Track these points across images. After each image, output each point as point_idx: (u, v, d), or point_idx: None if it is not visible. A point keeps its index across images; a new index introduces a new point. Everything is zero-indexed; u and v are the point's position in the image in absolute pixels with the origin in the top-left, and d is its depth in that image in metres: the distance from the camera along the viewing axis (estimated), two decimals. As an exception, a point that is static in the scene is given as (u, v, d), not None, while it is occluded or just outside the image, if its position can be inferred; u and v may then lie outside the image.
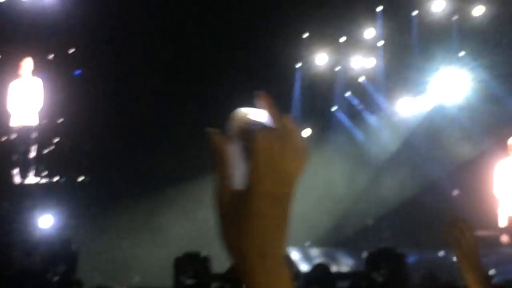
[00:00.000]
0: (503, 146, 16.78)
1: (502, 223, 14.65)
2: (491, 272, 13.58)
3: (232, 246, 1.34)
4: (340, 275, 7.91)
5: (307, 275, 7.77)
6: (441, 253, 16.12)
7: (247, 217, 1.32)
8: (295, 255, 15.49)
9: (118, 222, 16.58)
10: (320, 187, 18.15)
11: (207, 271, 7.90)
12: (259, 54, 18.04)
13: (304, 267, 13.77)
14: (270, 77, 18.09)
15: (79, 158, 15.63)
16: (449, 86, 18.64)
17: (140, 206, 16.74)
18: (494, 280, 12.88)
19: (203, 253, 8.12)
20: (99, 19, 15.48)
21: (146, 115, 16.93)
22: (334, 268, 15.03)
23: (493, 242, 15.12)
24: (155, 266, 14.27)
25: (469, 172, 18.12)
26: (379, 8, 17.70)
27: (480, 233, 16.08)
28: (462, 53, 18.22)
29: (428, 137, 19.11)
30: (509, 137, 15.08)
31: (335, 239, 17.61)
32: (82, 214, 14.97)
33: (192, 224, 16.33)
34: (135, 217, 16.80)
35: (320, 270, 7.59)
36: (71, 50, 15.65)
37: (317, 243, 17.05)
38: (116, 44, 16.14)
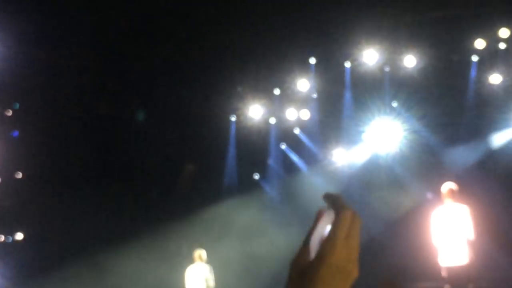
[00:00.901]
0: (438, 195, 16.98)
1: (443, 273, 14.63)
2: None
3: None
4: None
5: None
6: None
7: (311, 282, 1.53)
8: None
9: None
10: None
11: None
12: (194, 105, 18.04)
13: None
14: (205, 129, 18.11)
15: (17, 217, 15.37)
16: (383, 136, 18.83)
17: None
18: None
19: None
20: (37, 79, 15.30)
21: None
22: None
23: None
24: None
25: (407, 222, 18.27)
26: (312, 60, 17.83)
27: (421, 285, 16.17)
28: (395, 104, 18.45)
29: (364, 187, 19.23)
30: (446, 182, 15.27)
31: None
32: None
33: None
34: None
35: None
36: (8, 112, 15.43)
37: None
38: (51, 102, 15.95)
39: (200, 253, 14.46)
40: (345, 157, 19.53)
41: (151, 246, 17.40)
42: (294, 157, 19.49)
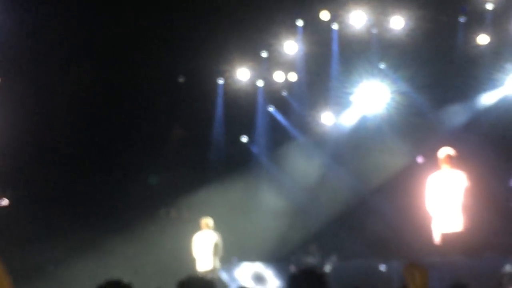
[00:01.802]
0: (427, 157, 17.04)
1: (436, 239, 14.62)
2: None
3: None
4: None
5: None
6: (369, 263, 16.33)
7: None
8: (224, 276, 15.50)
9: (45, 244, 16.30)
10: (258, 206, 18.25)
11: None
12: (181, 69, 18.00)
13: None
14: (193, 93, 18.08)
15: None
16: (371, 98, 18.82)
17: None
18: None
19: (126, 280, 7.96)
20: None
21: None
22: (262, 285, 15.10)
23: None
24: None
25: (396, 185, 18.36)
26: (300, 23, 17.75)
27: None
28: (382, 66, 18.42)
29: (352, 150, 19.26)
30: (436, 149, 15.23)
31: (268, 255, 17.62)
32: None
33: (114, 252, 16.14)
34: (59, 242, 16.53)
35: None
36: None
37: (250, 258, 16.98)
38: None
39: (207, 221, 14.56)
40: (333, 120, 19.53)
41: (141, 209, 17.43)
42: (282, 119, 19.48)
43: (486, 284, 12.68)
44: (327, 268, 15.64)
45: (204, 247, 14.37)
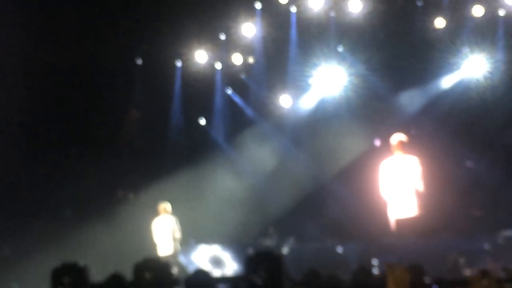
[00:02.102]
0: (385, 141, 17.13)
1: (392, 225, 14.76)
2: (374, 262, 13.90)
3: None
4: (220, 279, 7.87)
5: (187, 280, 7.68)
6: (326, 245, 16.46)
7: None
8: (181, 258, 15.50)
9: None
10: (216, 189, 18.24)
11: (85, 282, 7.72)
12: (139, 52, 17.91)
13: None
14: (150, 75, 17.99)
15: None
16: (330, 81, 18.89)
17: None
18: (376, 270, 13.18)
19: (81, 263, 7.92)
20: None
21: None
22: (218, 271, 15.14)
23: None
24: (35, 275, 13.90)
25: (355, 169, 18.47)
26: (258, 5, 17.73)
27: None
28: (340, 49, 18.48)
29: (311, 133, 19.31)
30: (394, 132, 15.33)
31: (226, 238, 17.64)
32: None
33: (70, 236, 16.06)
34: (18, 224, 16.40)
35: (200, 275, 7.52)
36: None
37: (208, 241, 16.96)
38: None
39: (165, 206, 14.77)
40: (291, 103, 19.57)
41: (98, 192, 17.34)
42: (240, 102, 19.47)
43: (442, 265, 12.83)
44: (284, 250, 15.72)
45: (163, 232, 14.53)
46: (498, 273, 9.98)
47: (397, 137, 14.92)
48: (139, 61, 18.18)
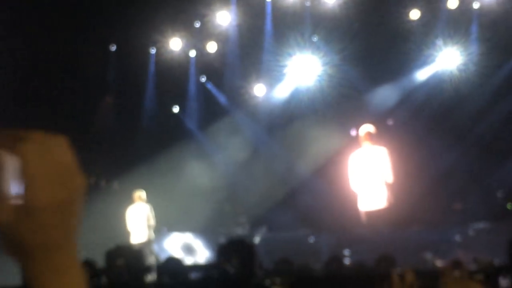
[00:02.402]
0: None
1: (362, 217, 14.79)
2: (346, 252, 13.94)
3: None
4: (192, 267, 7.87)
5: (159, 267, 7.67)
6: (298, 235, 16.50)
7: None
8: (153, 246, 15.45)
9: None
10: (189, 177, 18.18)
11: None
12: (113, 38, 17.81)
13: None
14: (125, 62, 17.91)
15: None
16: (304, 71, 18.91)
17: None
18: (348, 260, 13.24)
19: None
20: None
21: None
22: (190, 259, 15.11)
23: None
24: None
25: (330, 159, 18.52)
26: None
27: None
28: (315, 38, 18.50)
29: (286, 123, 19.31)
30: (364, 124, 15.32)
31: (198, 226, 17.61)
32: None
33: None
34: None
35: (172, 263, 7.52)
36: None
37: (180, 229, 16.91)
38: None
39: (140, 194, 14.73)
40: (266, 92, 19.58)
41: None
42: (214, 90, 19.44)
43: (412, 257, 12.90)
44: (256, 239, 15.73)
45: (137, 219, 14.50)
46: (469, 265, 10.08)
47: (365, 128, 14.94)
48: (113, 48, 18.08)
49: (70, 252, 1.38)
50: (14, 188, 1.26)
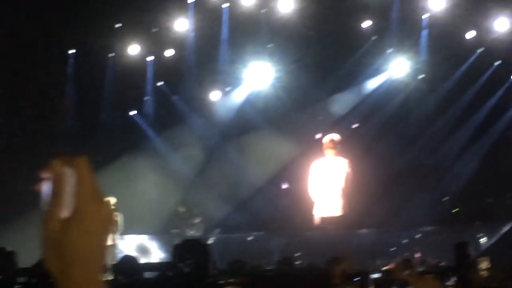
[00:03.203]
0: (311, 140, 17.56)
1: (316, 222, 15.28)
2: (297, 254, 14.28)
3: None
4: (147, 266, 8.13)
5: (114, 267, 7.94)
6: (251, 237, 16.80)
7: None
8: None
9: None
10: (145, 180, 18.31)
11: (12, 266, 7.88)
12: (71, 42, 17.87)
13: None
14: (83, 66, 17.98)
15: None
16: (259, 77, 19.18)
17: None
18: (298, 263, 13.55)
19: (8, 248, 8.09)
20: None
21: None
22: (144, 261, 15.31)
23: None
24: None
25: (283, 164, 18.86)
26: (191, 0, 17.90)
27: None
28: (270, 45, 18.72)
29: (241, 128, 19.49)
30: (320, 132, 15.72)
31: (153, 228, 17.77)
32: None
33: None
34: None
35: (127, 262, 7.78)
36: None
37: (135, 231, 17.05)
38: None
39: (109, 200, 14.77)
40: (222, 97, 19.80)
41: (30, 182, 17.23)
42: (171, 95, 19.58)
43: (362, 258, 13.29)
44: (210, 240, 16.01)
45: None
46: (417, 266, 10.49)
47: (329, 137, 15.43)
48: (72, 52, 18.18)
49: (103, 258, 1.57)
50: (70, 198, 1.50)
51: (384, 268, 11.63)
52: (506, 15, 17.44)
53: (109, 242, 14.66)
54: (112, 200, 15.25)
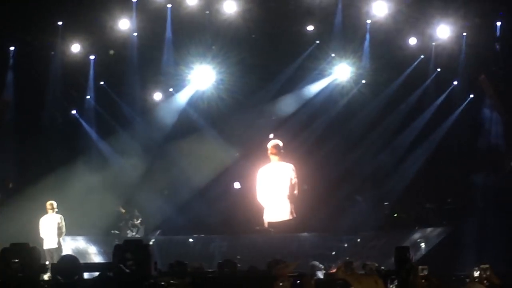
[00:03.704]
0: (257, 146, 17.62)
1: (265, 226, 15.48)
2: (238, 256, 14.27)
3: None
4: (87, 267, 7.98)
5: (54, 266, 7.79)
6: (192, 239, 16.75)
7: None
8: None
9: None
10: (83, 181, 18.10)
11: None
12: (13, 38, 17.61)
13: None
14: (24, 64, 17.73)
15: None
16: (202, 79, 19.14)
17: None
18: (240, 266, 13.53)
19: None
20: None
21: None
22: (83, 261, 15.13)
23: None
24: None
25: (226, 167, 18.87)
26: (134, -1, 17.74)
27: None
28: (214, 47, 18.68)
29: (184, 129, 19.41)
30: (261, 135, 15.84)
31: (92, 230, 17.58)
32: None
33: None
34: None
35: (66, 262, 7.64)
36: None
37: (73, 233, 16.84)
38: None
39: (52, 203, 15.48)
40: (164, 99, 19.70)
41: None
42: (113, 95, 19.38)
43: (303, 261, 13.33)
44: (151, 241, 15.92)
45: (49, 227, 15.34)
46: (357, 269, 10.55)
47: (272, 143, 15.67)
48: (12, 48, 17.89)
49: None
50: None
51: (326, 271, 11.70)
52: (447, 23, 17.65)
53: (55, 244, 14.87)
54: (54, 204, 15.32)
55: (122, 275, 7.18)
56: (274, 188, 15.84)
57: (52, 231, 15.28)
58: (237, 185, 19.19)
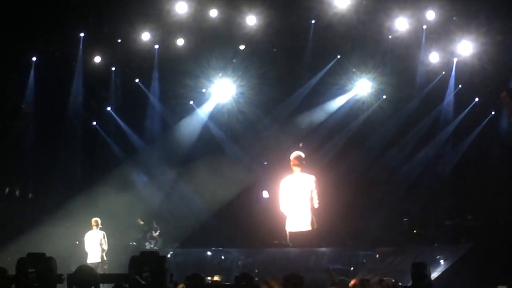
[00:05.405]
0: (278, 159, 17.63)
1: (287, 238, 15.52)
2: (255, 270, 14.23)
3: None
4: (103, 277, 7.98)
5: (70, 276, 7.80)
6: (210, 252, 16.72)
7: None
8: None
9: None
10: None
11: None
12: (37, 51, 17.73)
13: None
14: (45, 75, 17.81)
15: None
16: (224, 92, 19.19)
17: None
18: (257, 280, 13.50)
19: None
20: None
21: None
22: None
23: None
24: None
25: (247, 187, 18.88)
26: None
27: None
28: (234, 60, 18.70)
29: (209, 149, 19.45)
30: (284, 148, 15.87)
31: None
32: None
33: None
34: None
35: (83, 272, 7.64)
36: None
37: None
38: None
39: (97, 220, 15.80)
40: (186, 113, 19.75)
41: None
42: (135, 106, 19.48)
43: (320, 276, 13.30)
44: (168, 253, 15.94)
45: (93, 243, 15.67)
46: (374, 285, 10.49)
47: (295, 154, 15.77)
48: (34, 58, 18.00)
49: None
50: None
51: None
52: (469, 39, 17.59)
53: (98, 259, 15.11)
54: (99, 220, 15.58)
55: (137, 286, 7.17)
56: (295, 198, 15.96)
57: (96, 247, 15.62)
58: (265, 194, 19.18)
